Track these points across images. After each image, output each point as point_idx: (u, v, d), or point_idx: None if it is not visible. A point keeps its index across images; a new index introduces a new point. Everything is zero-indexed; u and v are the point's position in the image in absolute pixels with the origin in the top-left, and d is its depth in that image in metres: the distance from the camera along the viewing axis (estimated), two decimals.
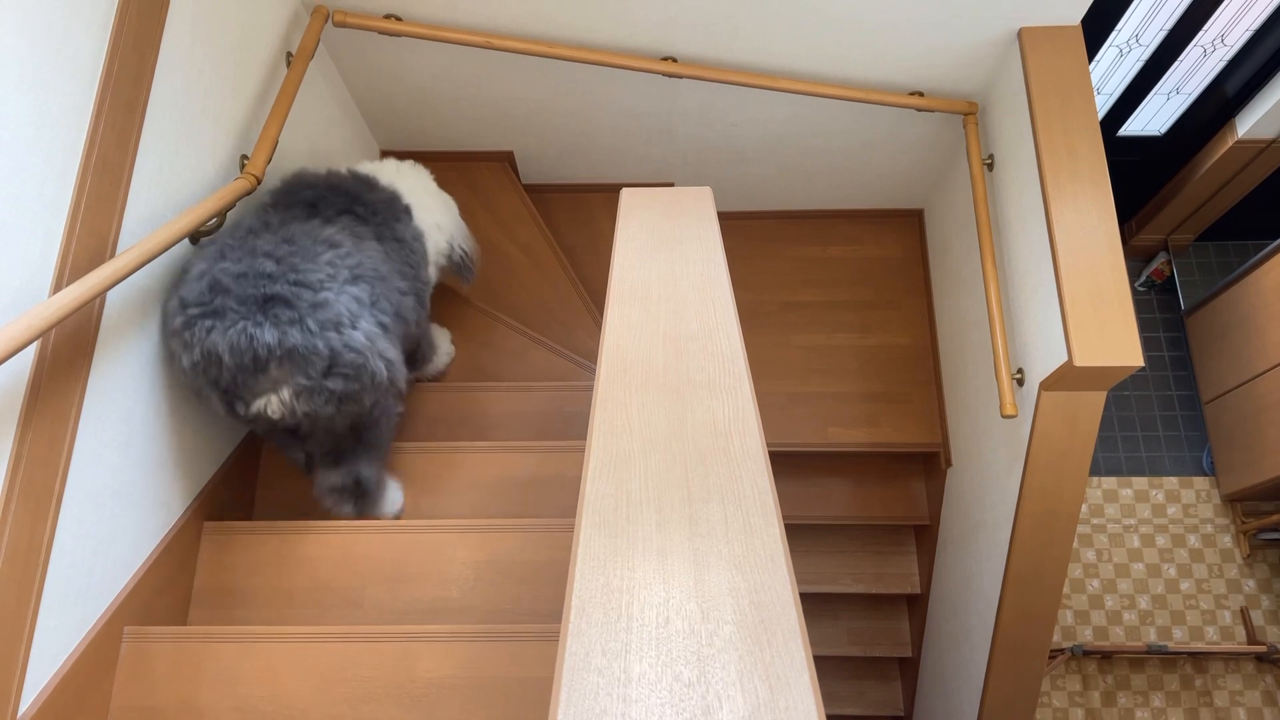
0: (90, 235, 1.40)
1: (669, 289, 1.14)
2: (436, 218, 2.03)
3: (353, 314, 1.52)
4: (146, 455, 1.61)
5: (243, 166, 1.84)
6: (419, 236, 1.91)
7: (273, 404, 1.53)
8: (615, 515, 0.72)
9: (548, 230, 2.89)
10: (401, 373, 1.65)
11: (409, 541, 1.77)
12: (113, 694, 1.53)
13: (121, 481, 1.54)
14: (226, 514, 1.89)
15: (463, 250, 2.13)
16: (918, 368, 2.94)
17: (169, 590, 1.69)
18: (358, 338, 1.51)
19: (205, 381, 1.52)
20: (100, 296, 1.41)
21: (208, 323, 1.47)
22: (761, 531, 0.70)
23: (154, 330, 1.61)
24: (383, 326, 1.59)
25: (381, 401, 1.64)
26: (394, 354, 1.61)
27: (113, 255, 1.45)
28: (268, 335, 1.45)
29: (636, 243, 1.28)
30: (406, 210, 1.91)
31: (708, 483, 0.76)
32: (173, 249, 1.62)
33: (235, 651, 1.55)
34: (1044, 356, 1.97)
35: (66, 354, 1.36)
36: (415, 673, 1.51)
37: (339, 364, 1.50)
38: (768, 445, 2.83)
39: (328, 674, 1.52)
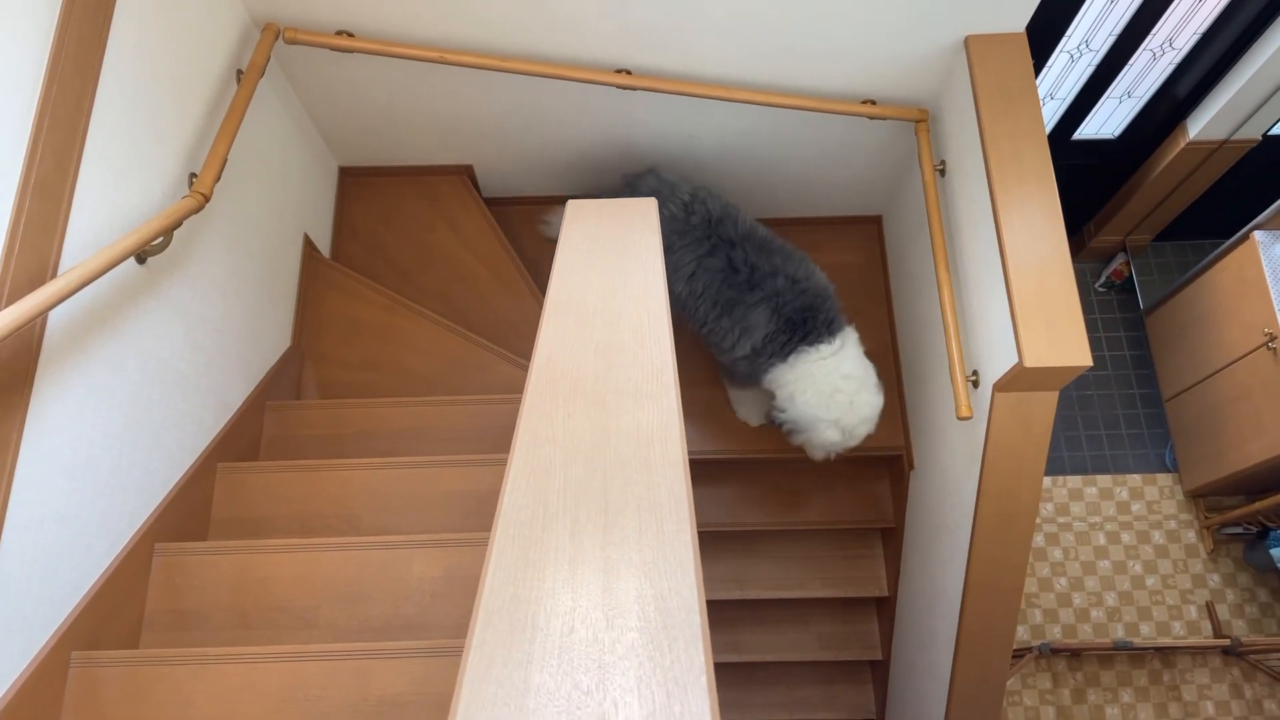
0: (30, 257, 1.39)
1: (605, 300, 1.14)
2: (811, 406, 2.41)
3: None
4: (94, 477, 1.59)
5: (191, 184, 1.83)
6: (785, 381, 2.42)
7: None
8: (531, 526, 0.73)
9: (509, 244, 2.89)
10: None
11: (364, 559, 1.76)
12: None
13: (67, 504, 1.52)
14: (179, 535, 1.87)
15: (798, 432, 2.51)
16: (880, 372, 2.95)
17: (119, 614, 1.67)
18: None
19: None
20: (41, 318, 1.41)
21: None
22: (674, 538, 0.70)
23: (100, 352, 1.60)
24: (707, 296, 2.38)
25: None
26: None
27: (54, 276, 1.44)
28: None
29: (577, 254, 1.29)
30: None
31: (625, 491, 0.76)
32: (117, 269, 1.61)
33: (187, 674, 1.53)
34: (997, 358, 1.99)
35: (5, 377, 1.35)
36: (368, 691, 1.51)
37: None
38: (735, 454, 2.79)
39: (280, 694, 1.51)
